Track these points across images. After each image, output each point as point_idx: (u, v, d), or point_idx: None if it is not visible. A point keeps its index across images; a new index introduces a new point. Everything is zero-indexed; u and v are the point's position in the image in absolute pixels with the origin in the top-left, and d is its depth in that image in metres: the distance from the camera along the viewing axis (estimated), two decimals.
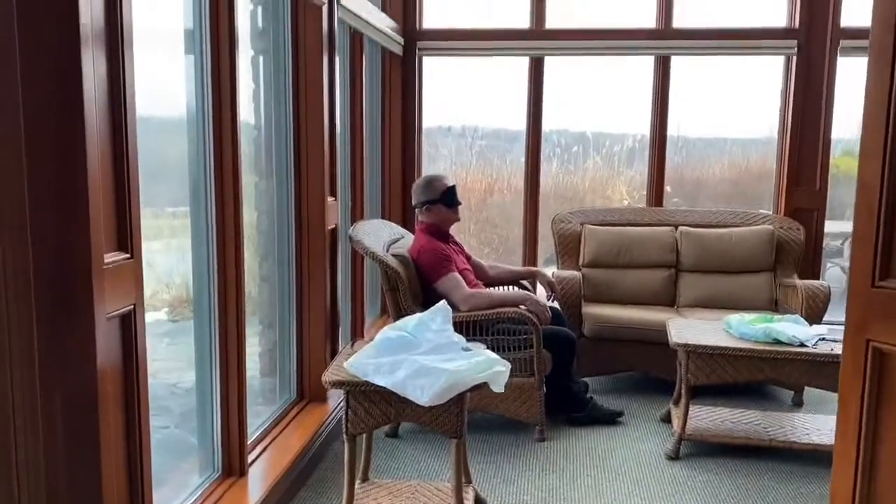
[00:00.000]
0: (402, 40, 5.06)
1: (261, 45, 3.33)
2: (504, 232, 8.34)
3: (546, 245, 5.70)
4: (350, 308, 4.45)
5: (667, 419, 3.92)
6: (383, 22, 4.58)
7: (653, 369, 4.33)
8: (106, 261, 1.74)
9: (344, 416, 2.54)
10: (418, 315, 2.73)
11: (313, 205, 3.53)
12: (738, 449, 3.51)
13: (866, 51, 4.77)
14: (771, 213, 5.22)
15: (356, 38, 4.24)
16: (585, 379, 4.18)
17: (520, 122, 7.41)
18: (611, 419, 3.91)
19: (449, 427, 2.50)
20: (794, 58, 4.90)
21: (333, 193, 3.67)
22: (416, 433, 3.70)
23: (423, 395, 2.33)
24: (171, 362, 4.05)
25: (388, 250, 3.75)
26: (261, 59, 3.36)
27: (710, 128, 6.18)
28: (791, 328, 3.46)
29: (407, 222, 5.09)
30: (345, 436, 2.55)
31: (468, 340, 3.23)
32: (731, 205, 7.75)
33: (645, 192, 8.74)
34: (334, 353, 3.75)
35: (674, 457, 3.49)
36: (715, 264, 4.69)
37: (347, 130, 4.28)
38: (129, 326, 1.86)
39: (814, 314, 4.14)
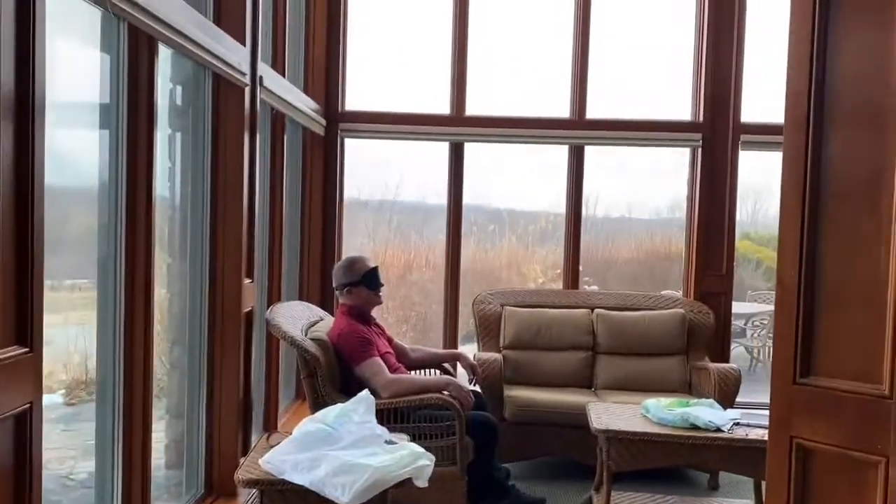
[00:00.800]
0: (324, 122, 5.07)
1: (179, 123, 3.25)
2: (422, 309, 8.28)
3: (463, 321, 5.68)
4: (264, 394, 4.26)
5: None
6: (305, 103, 4.58)
7: (573, 453, 4.30)
8: (1, 356, 1.60)
9: None
10: (339, 406, 2.63)
11: (229, 287, 3.40)
12: None
13: (765, 145, 5.06)
14: (680, 294, 5.39)
15: (278, 118, 4.22)
16: (506, 465, 4.10)
17: (437, 197, 7.46)
18: None
19: None
20: (699, 150, 5.17)
21: (250, 275, 3.55)
22: None
23: (345, 494, 2.21)
24: (65, 451, 3.75)
25: (306, 334, 3.64)
26: (178, 136, 3.27)
27: (617, 208, 6.38)
28: (706, 413, 3.52)
29: (326, 303, 4.98)
30: None
31: (389, 428, 3.14)
32: (638, 283, 8.01)
33: (558, 271, 8.89)
34: (246, 444, 3.56)
35: None
36: (630, 347, 4.77)
37: (267, 210, 4.19)
38: (24, 427, 1.70)
39: (726, 397, 4.23)
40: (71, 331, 3.31)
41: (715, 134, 5.12)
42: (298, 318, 3.77)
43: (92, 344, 2.60)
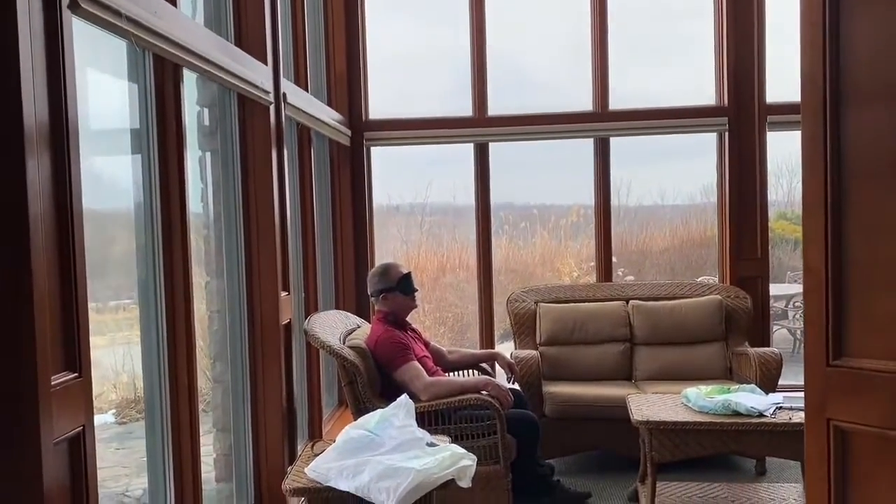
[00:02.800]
0: (349, 132, 5.13)
1: (208, 144, 3.33)
2: (458, 310, 8.31)
3: (498, 320, 5.70)
4: (307, 403, 4.34)
5: (634, 498, 3.87)
6: (330, 115, 4.65)
7: (616, 446, 4.29)
8: (52, 383, 1.67)
9: None
10: (380, 411, 2.67)
11: (266, 301, 3.47)
12: None
13: (792, 125, 5.00)
14: (715, 279, 5.34)
15: (304, 132, 4.29)
16: (550, 461, 4.12)
17: (466, 198, 7.46)
18: (578, 501, 3.85)
19: None
20: (726, 133, 5.13)
21: (286, 288, 3.62)
22: None
23: (390, 498, 2.26)
24: (119, 469, 3.86)
25: (344, 342, 3.70)
26: (208, 157, 3.35)
27: (650, 195, 6.31)
28: (748, 398, 3.50)
29: (361, 310, 5.05)
30: None
31: (430, 431, 3.18)
32: (675, 271, 7.94)
33: (592, 264, 8.84)
34: (293, 454, 3.64)
35: None
36: (668, 336, 4.74)
37: (299, 223, 4.27)
38: (79, 450, 1.78)
39: (768, 381, 4.19)
40: (118, 351, 3.42)
41: (741, 117, 5.07)
42: (336, 327, 3.84)
43: (139, 363, 2.69)
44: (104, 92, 2.60)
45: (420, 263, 7.56)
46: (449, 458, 2.43)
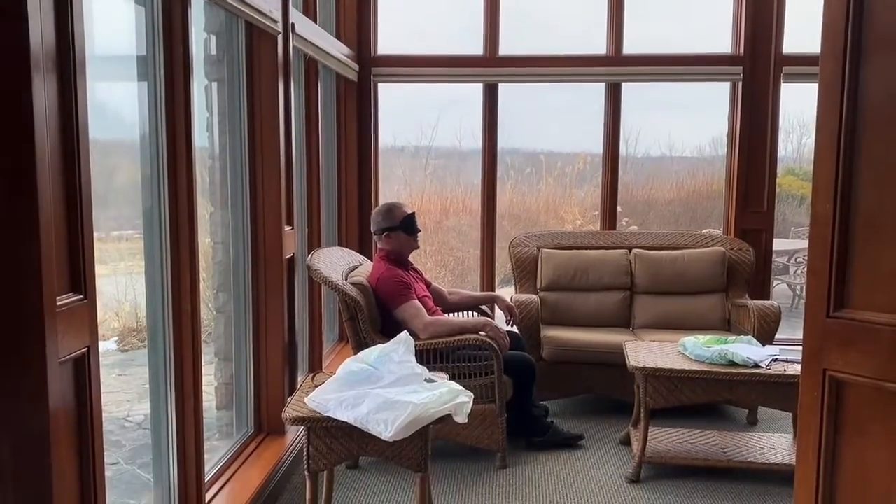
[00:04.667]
0: (357, 67, 5.06)
1: (215, 73, 3.29)
2: (460, 254, 8.34)
3: (500, 265, 5.72)
4: (308, 337, 4.38)
5: (626, 441, 3.95)
6: (338, 49, 4.58)
7: (611, 391, 4.36)
8: (58, 303, 1.68)
9: (305, 453, 2.49)
10: (380, 346, 2.70)
11: (270, 234, 3.48)
12: (697, 470, 3.55)
13: (808, 77, 4.92)
14: (720, 231, 5.33)
15: (311, 65, 4.23)
16: (545, 402, 4.18)
17: (472, 142, 7.39)
18: (571, 443, 3.92)
19: (413, 461, 2.48)
20: (740, 84, 5.05)
21: (290, 222, 3.63)
22: (377, 464, 3.65)
23: (387, 429, 2.30)
24: (121, 395, 3.93)
25: (346, 279, 3.72)
26: (215, 87, 3.32)
27: (658, 146, 6.25)
28: (745, 349, 3.53)
29: (364, 248, 5.07)
30: (306, 473, 2.50)
31: (429, 369, 3.22)
32: (679, 223, 7.95)
33: (596, 213, 8.84)
34: (293, 385, 3.70)
35: (635, 480, 3.51)
36: (668, 286, 4.77)
37: (304, 158, 4.24)
38: (83, 370, 1.80)
39: (765, 334, 4.23)
40: (120, 280, 3.44)
41: (756, 67, 4.99)
42: (338, 264, 3.85)
43: (141, 292, 2.70)
44: (110, 15, 2.55)
45: (423, 206, 7.53)
46: (447, 394, 2.46)
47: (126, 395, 3.89)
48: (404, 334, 2.75)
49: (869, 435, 1.62)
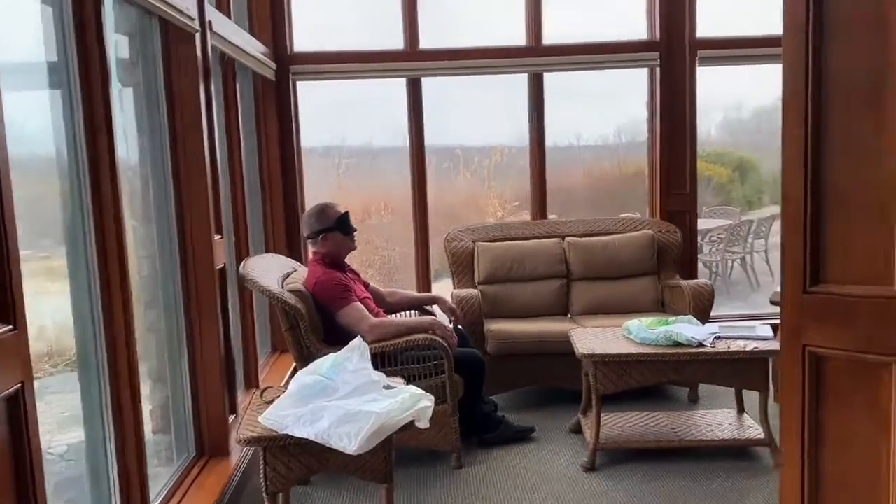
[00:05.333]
0: (274, 65, 4.87)
1: (130, 78, 3.07)
2: (385, 252, 8.24)
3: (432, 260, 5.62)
4: (242, 350, 4.19)
5: (577, 430, 3.95)
6: (255, 47, 4.38)
7: (556, 381, 4.36)
8: None
9: (262, 475, 2.35)
10: (333, 355, 2.58)
11: (199, 244, 3.29)
12: (649, 452, 3.59)
13: (722, 59, 5.04)
14: (639, 216, 5.42)
15: (229, 65, 4.03)
16: (493, 397, 4.14)
17: (386, 140, 7.27)
18: (523, 436, 3.89)
19: (377, 473, 2.37)
20: (658, 69, 5.14)
21: (220, 230, 3.44)
22: (328, 478, 3.51)
23: (352, 442, 2.19)
24: (41, 426, 3.65)
25: (282, 286, 3.56)
26: (130, 92, 3.10)
27: (565, 136, 6.33)
28: (688, 329, 3.58)
29: (294, 253, 4.90)
30: (265, 495, 2.36)
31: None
32: (594, 209, 8.09)
33: (517, 203, 8.91)
34: (233, 403, 3.52)
35: (590, 468, 3.51)
36: (603, 271, 4.81)
37: (226, 163, 4.05)
38: (18, 408, 1.62)
39: (701, 312, 4.31)
40: (42, 303, 3.17)
41: (672, 51, 5.08)
42: (272, 271, 3.69)
43: (56, 314, 2.49)
44: (14, 16, 2.32)
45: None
46: (408, 400, 2.37)
47: (44, 425, 3.61)
48: (357, 340, 2.63)
49: (852, 406, 1.63)
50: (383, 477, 2.38)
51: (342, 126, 6.88)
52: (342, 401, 2.33)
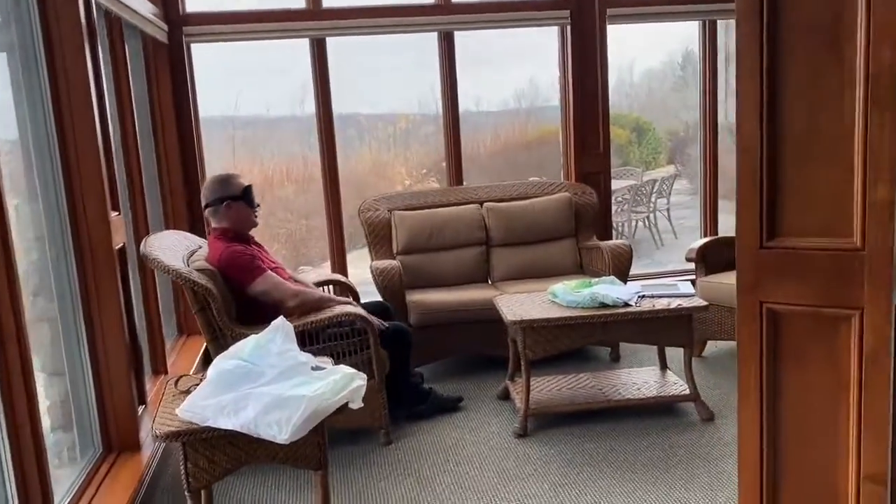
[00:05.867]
0: (165, 26, 4.49)
1: (2, 41, 2.72)
2: (291, 225, 7.96)
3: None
4: (147, 335, 3.90)
5: (504, 396, 3.90)
6: (144, 6, 4.01)
7: (480, 349, 4.29)
8: None
9: (183, 471, 2.14)
10: (254, 337, 2.38)
11: (94, 223, 2.98)
12: (579, 414, 3.57)
13: (631, 17, 5.02)
14: (545, 179, 5.38)
15: (115, 24, 3.66)
16: (418, 368, 4.03)
17: (282, 108, 6.95)
18: (452, 406, 3.81)
19: (310, 460, 2.22)
20: (568, 27, 5.07)
21: (116, 207, 3.14)
22: (252, 467, 3.31)
23: (282, 431, 2.02)
24: None
25: (188, 265, 3.30)
26: (3, 58, 2.74)
27: (464, 102, 6.21)
28: (612, 290, 3.56)
29: (196, 231, 4.58)
30: (187, 493, 2.16)
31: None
32: (501, 175, 8.05)
33: (424, 171, 8.77)
34: (142, 392, 3.26)
35: (522, 434, 3.46)
36: (522, 236, 4.75)
37: (118, 133, 3.71)
38: None
39: (620, 272, 4.32)
40: None
41: (582, 10, 5.02)
42: (176, 249, 3.41)
43: None
44: None
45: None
46: (340, 381, 2.22)
47: None
48: (280, 320, 2.44)
49: (809, 360, 1.60)
50: (317, 463, 2.22)
51: (237, 95, 6.57)
52: (268, 386, 2.15)
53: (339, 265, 5.06)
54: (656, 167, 12.25)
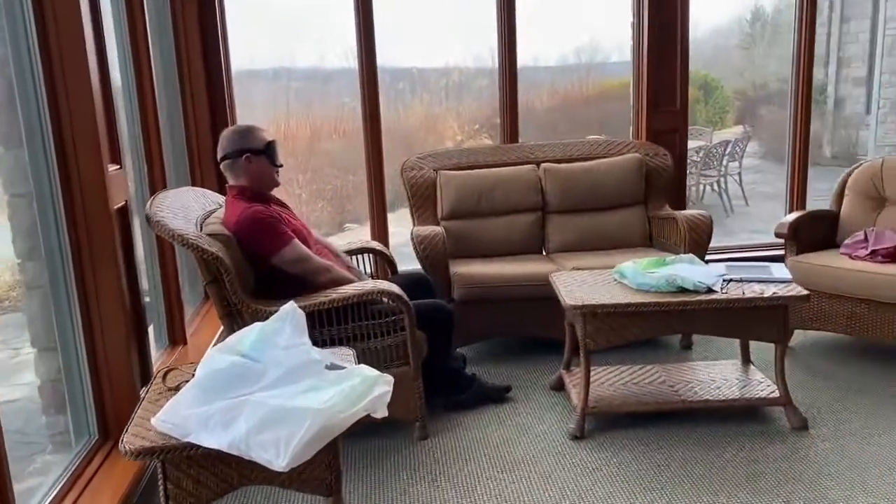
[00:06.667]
0: None
1: None
2: (338, 181, 7.59)
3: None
4: (164, 302, 3.51)
5: (558, 387, 3.41)
6: None
7: (533, 329, 3.80)
8: None
9: (162, 492, 1.73)
10: (258, 326, 1.94)
11: (88, 178, 2.55)
12: (646, 416, 3.07)
13: None
14: (604, 138, 4.79)
15: None
16: (460, 349, 3.57)
17: (338, 60, 6.58)
18: (499, 396, 3.34)
19: (318, 484, 1.78)
20: None
21: (117, 160, 2.71)
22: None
23: (280, 455, 1.57)
24: None
25: (201, 228, 2.88)
26: None
27: (521, 58, 5.76)
28: (692, 271, 3.01)
29: (223, 188, 4.16)
30: None
31: (321, 334, 2.52)
32: (558, 132, 7.59)
33: (476, 126, 8.24)
34: (146, 371, 2.86)
35: (579, 436, 2.98)
36: (583, 202, 4.20)
37: (132, 79, 3.27)
38: None
39: (698, 248, 3.75)
40: None
41: None
42: (191, 209, 2.99)
43: None
44: None
45: (290, 132, 6.76)
46: (359, 386, 1.76)
47: None
48: (290, 306, 1.99)
49: None
50: (327, 488, 1.78)
51: (290, 47, 6.27)
52: (268, 392, 1.70)
53: (380, 228, 4.59)
54: (723, 128, 11.56)
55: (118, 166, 2.71)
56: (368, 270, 3.56)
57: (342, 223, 7.41)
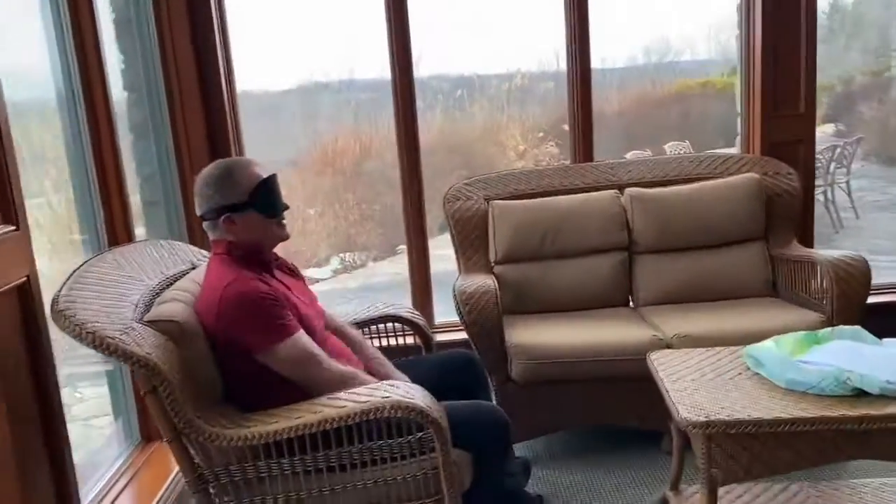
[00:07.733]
0: None
1: None
2: (388, 199, 6.72)
3: (432, 216, 4.05)
4: (133, 392, 2.67)
5: None
6: None
7: (622, 416, 2.80)
8: None
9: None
10: None
11: None
12: None
13: None
14: (685, 145, 3.73)
15: None
16: (521, 450, 2.61)
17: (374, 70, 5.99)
18: None
19: None
20: None
21: (10, 218, 1.85)
22: None
23: None
24: None
25: (148, 308, 2.01)
26: None
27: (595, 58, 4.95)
28: (869, 361, 1.98)
29: None
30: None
31: (321, 457, 1.63)
32: (632, 139, 6.86)
33: (541, 135, 7.42)
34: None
35: None
36: (684, 239, 3.20)
37: (66, 94, 2.46)
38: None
39: (848, 303, 2.71)
40: None
41: None
42: (144, 276, 2.14)
43: None
44: None
45: (339, 148, 6.55)
46: None
47: None
48: None
49: None
50: None
51: (350, 58, 5.97)
52: None
53: (419, 260, 3.64)
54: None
55: (14, 227, 1.84)
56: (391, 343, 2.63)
57: (394, 246, 6.83)
